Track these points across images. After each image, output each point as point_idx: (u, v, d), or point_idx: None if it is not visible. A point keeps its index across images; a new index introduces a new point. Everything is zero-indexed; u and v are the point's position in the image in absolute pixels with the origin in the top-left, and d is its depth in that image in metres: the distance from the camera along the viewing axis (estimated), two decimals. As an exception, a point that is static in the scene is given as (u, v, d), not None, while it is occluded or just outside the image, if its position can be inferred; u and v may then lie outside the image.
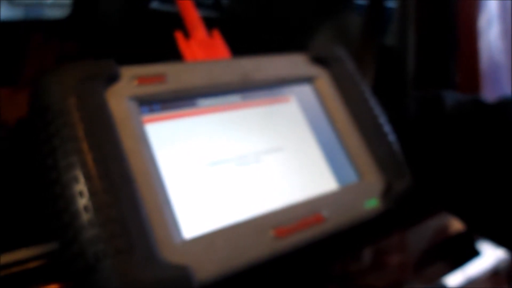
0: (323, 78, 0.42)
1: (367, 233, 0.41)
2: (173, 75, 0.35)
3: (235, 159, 0.35)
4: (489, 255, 0.57)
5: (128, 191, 0.28)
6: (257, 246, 0.31)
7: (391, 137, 0.42)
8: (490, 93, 0.59)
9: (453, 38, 0.58)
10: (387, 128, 0.42)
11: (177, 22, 0.41)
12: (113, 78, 0.32)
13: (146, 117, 0.33)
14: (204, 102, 0.36)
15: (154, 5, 0.53)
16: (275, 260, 0.32)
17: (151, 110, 0.33)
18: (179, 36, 0.40)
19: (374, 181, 0.39)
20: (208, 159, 0.34)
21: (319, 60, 0.43)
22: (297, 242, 0.33)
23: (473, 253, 0.57)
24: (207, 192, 0.32)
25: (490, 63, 0.60)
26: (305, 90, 0.42)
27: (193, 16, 0.41)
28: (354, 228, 0.36)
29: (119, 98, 0.32)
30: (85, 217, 0.27)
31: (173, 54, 0.38)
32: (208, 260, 0.29)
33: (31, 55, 0.50)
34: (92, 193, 0.27)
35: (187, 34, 0.40)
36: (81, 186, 0.27)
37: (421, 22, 0.58)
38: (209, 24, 0.41)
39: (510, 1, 0.62)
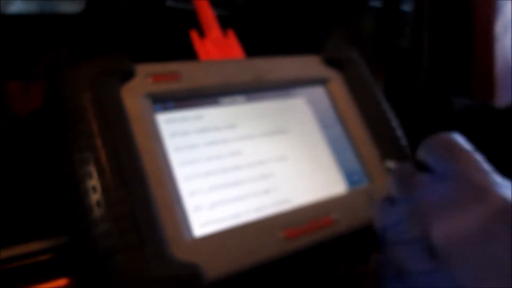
0: (336, 80, 0.42)
1: (376, 236, 0.41)
2: (188, 73, 0.35)
3: (246, 160, 0.35)
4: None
5: (140, 188, 0.29)
6: (267, 247, 0.31)
7: (403, 141, 0.42)
8: (504, 99, 0.58)
9: (468, 43, 0.58)
10: (398, 132, 0.42)
11: (192, 20, 0.41)
12: (128, 75, 0.33)
13: (160, 114, 0.33)
14: (217, 101, 0.36)
15: (170, 2, 0.53)
16: (284, 260, 0.32)
17: (165, 108, 0.34)
18: (194, 35, 0.40)
19: (384, 184, 0.39)
20: (220, 158, 0.34)
21: (333, 62, 0.43)
22: (306, 243, 0.33)
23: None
24: (218, 191, 0.32)
25: (506, 69, 0.59)
26: (318, 92, 0.42)
27: (208, 15, 0.41)
28: (363, 231, 0.36)
29: (134, 95, 0.32)
30: (97, 212, 0.27)
31: (188, 52, 0.38)
32: (217, 259, 0.29)
33: (45, 50, 0.50)
34: (105, 189, 0.27)
35: (202, 33, 0.40)
36: (94, 181, 0.27)
37: (435, 27, 0.58)
38: (224, 23, 0.42)
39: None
